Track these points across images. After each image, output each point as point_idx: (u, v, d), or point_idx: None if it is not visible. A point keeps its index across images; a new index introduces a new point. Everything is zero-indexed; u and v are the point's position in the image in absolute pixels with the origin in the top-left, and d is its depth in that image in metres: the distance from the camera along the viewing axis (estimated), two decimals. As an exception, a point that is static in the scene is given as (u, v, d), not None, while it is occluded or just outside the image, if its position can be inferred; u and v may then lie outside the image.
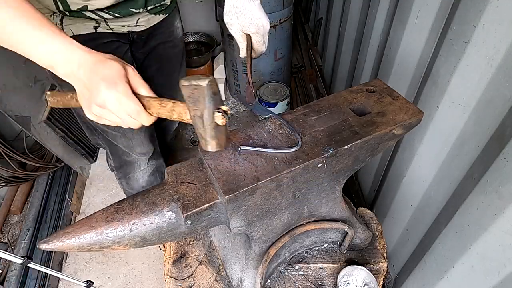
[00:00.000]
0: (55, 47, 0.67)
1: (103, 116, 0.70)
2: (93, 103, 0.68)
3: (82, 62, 0.67)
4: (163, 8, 1.24)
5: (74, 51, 0.67)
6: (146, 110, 0.70)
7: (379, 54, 1.72)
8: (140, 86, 0.71)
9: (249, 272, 1.02)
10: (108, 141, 1.42)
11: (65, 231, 0.75)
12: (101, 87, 0.66)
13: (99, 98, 0.66)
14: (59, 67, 0.68)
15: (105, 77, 0.66)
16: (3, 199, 2.32)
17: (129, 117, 0.69)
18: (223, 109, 0.65)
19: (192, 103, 0.64)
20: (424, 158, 1.34)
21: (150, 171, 1.60)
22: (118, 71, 0.68)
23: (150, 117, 0.71)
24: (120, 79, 0.67)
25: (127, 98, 0.67)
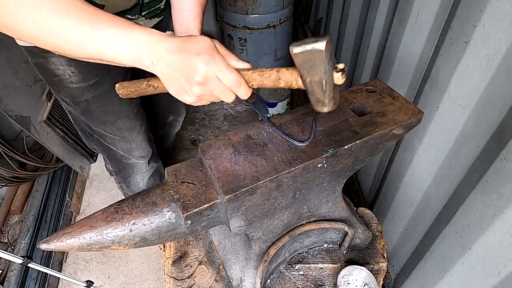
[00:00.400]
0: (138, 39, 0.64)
1: (204, 95, 0.67)
2: (192, 83, 0.65)
3: (168, 46, 0.64)
4: (158, 12, 1.24)
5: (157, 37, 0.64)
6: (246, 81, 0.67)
7: (379, 54, 1.72)
8: (230, 57, 0.68)
9: (249, 272, 1.02)
10: (106, 146, 1.40)
11: (65, 231, 0.75)
12: (198, 63, 0.62)
13: (198, 75, 0.63)
14: (144, 58, 0.65)
15: (200, 52, 0.63)
16: (3, 199, 2.32)
17: (229, 90, 0.66)
18: (340, 67, 0.61)
19: (308, 69, 0.60)
20: (424, 158, 1.34)
21: (150, 174, 1.59)
22: (210, 44, 0.65)
23: (250, 89, 0.68)
24: (215, 51, 0.64)
25: (229, 70, 0.64)
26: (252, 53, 2.50)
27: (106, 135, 1.35)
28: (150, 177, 1.60)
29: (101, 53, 0.66)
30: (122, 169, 1.54)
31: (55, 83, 1.15)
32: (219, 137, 0.86)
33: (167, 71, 0.66)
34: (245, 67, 0.68)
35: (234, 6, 2.28)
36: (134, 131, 1.38)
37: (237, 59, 0.68)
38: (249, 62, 1.00)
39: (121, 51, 0.65)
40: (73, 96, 1.19)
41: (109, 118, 1.28)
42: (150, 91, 0.76)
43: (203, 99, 0.69)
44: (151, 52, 0.64)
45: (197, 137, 2.76)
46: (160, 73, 0.67)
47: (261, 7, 2.26)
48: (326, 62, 0.58)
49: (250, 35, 2.40)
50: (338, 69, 0.60)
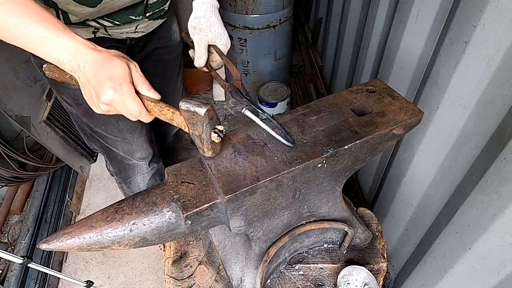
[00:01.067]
0: (62, 44, 0.69)
1: (110, 111, 0.74)
2: (100, 101, 0.71)
3: (88, 59, 0.69)
4: (162, 13, 1.24)
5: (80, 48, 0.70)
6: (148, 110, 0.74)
7: (379, 54, 1.72)
8: (141, 84, 0.74)
9: (249, 272, 1.02)
10: (107, 147, 1.40)
11: (65, 231, 0.75)
12: (107, 87, 0.69)
13: (105, 97, 0.69)
14: (66, 63, 0.70)
15: (111, 76, 0.69)
16: (3, 199, 2.32)
17: (131, 114, 0.74)
18: (218, 129, 0.71)
19: (191, 124, 0.70)
20: (424, 158, 1.34)
21: (151, 175, 1.59)
22: (123, 70, 0.71)
23: (150, 116, 0.75)
24: (125, 79, 0.70)
25: (131, 100, 0.71)
26: (252, 53, 2.50)
27: (107, 136, 1.35)
28: (151, 178, 1.60)
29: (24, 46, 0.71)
30: (122, 170, 1.53)
31: (57, 84, 1.16)
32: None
33: (83, 80, 0.72)
34: (151, 97, 0.74)
35: (234, 6, 2.28)
36: (135, 132, 1.38)
37: (148, 88, 0.74)
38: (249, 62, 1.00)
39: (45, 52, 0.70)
40: (75, 97, 1.19)
41: (111, 120, 1.28)
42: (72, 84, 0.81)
43: (109, 112, 0.75)
44: (72, 60, 0.70)
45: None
46: (78, 78, 0.73)
47: (261, 7, 2.26)
48: (204, 124, 0.68)
49: (250, 35, 2.40)
50: (217, 130, 0.71)
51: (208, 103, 0.67)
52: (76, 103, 1.22)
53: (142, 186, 1.59)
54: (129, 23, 1.14)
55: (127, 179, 1.57)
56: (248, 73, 2.65)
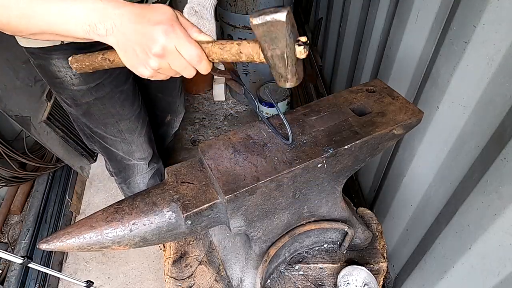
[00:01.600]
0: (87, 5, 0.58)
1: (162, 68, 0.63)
2: (150, 55, 0.59)
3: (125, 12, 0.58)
4: None
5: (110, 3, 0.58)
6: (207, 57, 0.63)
7: (379, 54, 1.72)
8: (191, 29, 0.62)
9: (249, 272, 1.02)
10: (106, 147, 1.40)
11: (65, 231, 0.75)
12: (157, 34, 0.57)
13: (156, 46, 0.58)
14: (99, 26, 0.59)
15: (159, 22, 0.57)
16: (3, 199, 2.32)
17: (189, 65, 0.62)
18: (302, 40, 0.57)
19: (269, 42, 0.56)
20: (424, 158, 1.34)
21: (151, 175, 1.59)
22: (171, 14, 0.59)
23: (210, 63, 0.64)
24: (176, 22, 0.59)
25: (190, 43, 0.59)
26: (252, 53, 2.50)
27: (107, 137, 1.34)
28: (150, 178, 1.60)
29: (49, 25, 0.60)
30: (122, 170, 1.53)
31: (57, 84, 1.15)
32: (219, 137, 0.86)
33: (123, 41, 0.60)
34: (206, 40, 0.63)
35: (234, 6, 2.28)
36: (135, 133, 1.38)
37: (199, 31, 0.63)
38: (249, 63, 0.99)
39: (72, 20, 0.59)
40: (74, 98, 1.19)
41: (110, 120, 1.28)
42: (106, 65, 0.71)
43: (160, 73, 0.64)
44: (106, 20, 0.58)
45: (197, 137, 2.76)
46: (115, 43, 0.61)
47: (261, 7, 2.26)
48: (287, 35, 0.54)
49: (250, 35, 2.39)
50: (301, 42, 0.56)
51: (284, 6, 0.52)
52: (75, 103, 1.22)
53: (142, 186, 1.59)
54: None
55: (127, 179, 1.57)
56: (248, 73, 2.64)
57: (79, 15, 0.58)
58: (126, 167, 1.52)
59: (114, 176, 1.61)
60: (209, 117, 2.90)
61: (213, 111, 2.95)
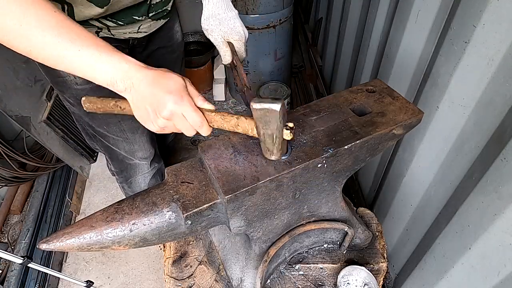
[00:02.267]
0: (115, 64, 0.68)
1: (167, 127, 0.72)
2: (159, 116, 0.69)
3: (143, 77, 0.68)
4: (165, 14, 1.24)
5: (134, 67, 0.68)
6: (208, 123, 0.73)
7: (379, 54, 1.72)
8: (196, 97, 0.72)
9: (249, 272, 1.02)
10: (108, 147, 1.40)
11: (65, 231, 0.75)
12: (168, 101, 0.67)
13: (166, 111, 0.68)
14: (119, 83, 0.68)
15: (171, 90, 0.67)
16: (3, 199, 2.32)
17: (192, 128, 0.72)
18: (289, 125, 0.70)
19: (263, 123, 0.68)
20: (424, 158, 1.34)
21: (152, 175, 1.59)
22: (181, 84, 0.70)
23: (210, 128, 0.74)
24: (185, 92, 0.69)
25: (193, 112, 0.69)
26: (252, 53, 2.50)
27: (109, 136, 1.35)
28: (152, 177, 1.60)
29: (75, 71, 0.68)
30: (124, 170, 1.54)
31: (60, 83, 1.16)
32: (219, 137, 0.86)
33: (138, 99, 0.70)
34: (209, 108, 0.73)
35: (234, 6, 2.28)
36: (137, 132, 1.38)
37: (204, 100, 0.73)
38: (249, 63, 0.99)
39: (97, 74, 0.68)
40: (77, 97, 1.19)
41: (113, 119, 1.28)
42: (116, 111, 0.80)
43: (165, 129, 0.74)
44: (126, 79, 0.68)
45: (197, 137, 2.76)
46: (130, 99, 0.71)
47: (261, 7, 2.26)
48: (278, 120, 0.66)
49: (250, 35, 2.39)
50: (288, 127, 0.69)
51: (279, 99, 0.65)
52: (78, 102, 1.22)
53: (143, 186, 1.59)
54: (132, 23, 1.14)
55: (128, 179, 1.57)
56: (248, 73, 2.65)
57: (105, 70, 0.67)
58: (127, 166, 1.52)
59: (116, 176, 1.61)
60: (209, 117, 2.90)
61: (213, 111, 2.94)
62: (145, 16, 1.15)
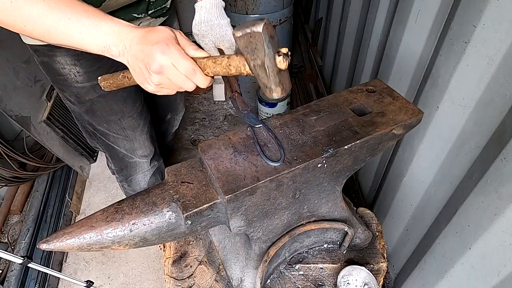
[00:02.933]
0: (106, 29, 0.68)
1: (163, 84, 0.70)
2: (151, 72, 0.67)
3: (133, 36, 0.68)
4: (164, 11, 1.24)
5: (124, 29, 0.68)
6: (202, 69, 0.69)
7: (379, 54, 1.72)
8: (188, 46, 0.70)
9: (249, 272, 1.02)
10: (109, 145, 1.41)
11: (65, 231, 0.75)
12: (155, 53, 0.65)
13: (155, 64, 0.66)
14: (113, 47, 0.68)
15: (157, 41, 0.66)
16: (3, 199, 2.32)
17: (186, 78, 0.69)
18: (282, 51, 0.61)
19: (251, 53, 0.61)
20: (424, 158, 1.34)
21: (152, 173, 1.60)
22: (168, 34, 0.67)
23: (207, 77, 0.70)
24: (171, 41, 0.67)
25: (182, 58, 0.66)
26: (252, 53, 2.50)
27: (110, 134, 1.35)
28: (151, 176, 1.60)
29: (70, 41, 0.69)
30: (124, 168, 1.54)
31: (60, 82, 1.16)
32: (219, 137, 0.86)
33: (132, 60, 0.69)
34: (203, 56, 0.69)
35: (234, 6, 2.28)
36: (137, 130, 1.38)
37: (196, 48, 0.70)
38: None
39: (90, 41, 0.68)
40: (77, 95, 1.20)
41: (113, 117, 1.29)
42: (126, 83, 0.79)
43: (163, 87, 0.71)
44: (118, 43, 0.68)
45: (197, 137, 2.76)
46: (126, 62, 0.70)
47: (261, 7, 2.26)
48: (265, 45, 0.58)
49: (250, 35, 2.39)
50: (281, 52, 0.60)
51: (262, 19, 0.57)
52: (78, 101, 1.22)
53: (143, 184, 1.59)
54: (132, 21, 1.14)
55: (128, 177, 1.57)
56: (248, 73, 2.65)
57: (97, 37, 0.68)
58: (128, 164, 1.52)
59: (116, 174, 1.61)
60: (209, 117, 2.90)
61: (213, 111, 2.95)
62: (144, 14, 1.15)
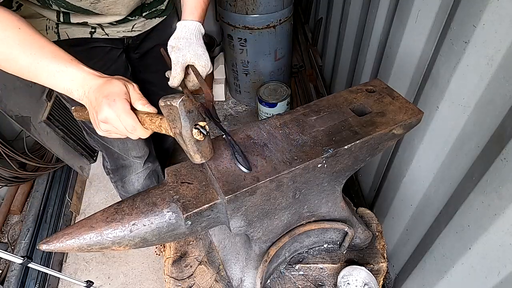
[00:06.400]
0: (70, 75, 0.75)
1: (110, 130, 0.76)
2: (98, 120, 0.74)
3: (92, 85, 0.74)
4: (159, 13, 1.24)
5: (87, 77, 0.75)
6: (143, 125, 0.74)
7: (379, 54, 1.72)
8: (137, 101, 0.75)
9: (249, 272, 1.02)
10: (104, 144, 1.42)
11: (65, 231, 0.75)
12: (103, 104, 0.72)
13: (101, 114, 0.72)
14: (74, 92, 0.76)
15: (107, 95, 0.72)
16: (3, 199, 2.32)
17: (126, 131, 0.75)
18: (200, 124, 0.67)
19: (171, 122, 0.67)
20: (424, 158, 1.34)
21: (146, 174, 1.60)
22: (119, 88, 0.73)
23: (146, 131, 0.76)
24: (120, 96, 0.73)
25: (125, 115, 0.72)
26: (252, 53, 2.50)
27: None
28: (146, 178, 1.60)
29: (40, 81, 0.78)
30: (119, 168, 1.55)
31: None
32: (219, 137, 0.86)
33: (88, 106, 0.77)
34: (147, 111, 0.75)
35: (234, 6, 2.28)
36: None
37: (144, 103, 0.75)
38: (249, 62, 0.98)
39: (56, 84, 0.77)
40: None
41: None
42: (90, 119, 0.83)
43: (110, 133, 0.78)
44: (79, 88, 0.76)
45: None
46: (86, 106, 0.78)
47: (261, 7, 2.26)
48: (181, 118, 0.64)
49: (250, 35, 2.39)
50: (198, 126, 0.67)
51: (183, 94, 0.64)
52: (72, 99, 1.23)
53: (137, 185, 1.60)
54: (126, 22, 1.15)
55: (123, 178, 1.58)
56: (248, 73, 2.65)
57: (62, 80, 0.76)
58: (122, 165, 1.53)
59: (110, 174, 1.62)
60: (209, 117, 2.89)
61: (213, 111, 2.94)
62: (138, 16, 1.15)
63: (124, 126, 0.73)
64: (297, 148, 0.82)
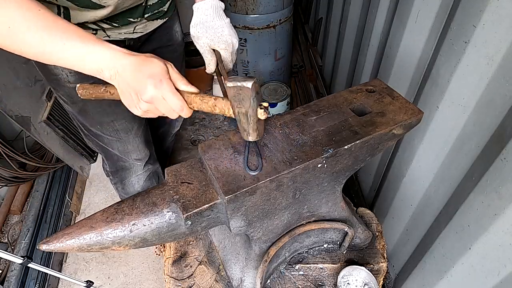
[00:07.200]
0: (99, 54, 0.72)
1: (150, 110, 0.75)
2: (141, 100, 0.72)
3: (126, 64, 0.72)
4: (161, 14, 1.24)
5: (117, 54, 0.72)
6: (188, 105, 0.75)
7: (379, 54, 1.72)
8: (179, 81, 0.75)
9: (249, 272, 1.02)
10: (103, 146, 1.41)
11: (65, 231, 0.75)
12: (148, 85, 0.70)
13: (146, 95, 0.71)
14: (105, 71, 0.73)
15: (151, 75, 0.70)
16: (3, 199, 2.32)
17: (172, 111, 0.74)
18: (264, 105, 0.71)
19: (237, 102, 0.70)
20: (424, 158, 1.34)
21: (146, 176, 1.59)
22: (162, 69, 0.72)
23: (191, 111, 0.76)
24: (165, 76, 0.72)
25: (173, 95, 0.72)
26: (252, 53, 2.50)
27: (103, 136, 1.35)
28: (146, 179, 1.60)
29: (65, 65, 0.74)
30: (119, 170, 1.54)
31: (54, 81, 1.16)
32: (219, 137, 0.86)
33: (122, 85, 0.74)
34: (191, 91, 0.75)
35: (234, 6, 2.28)
36: (131, 133, 1.38)
37: (186, 83, 0.75)
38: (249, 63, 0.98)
39: (84, 65, 0.73)
40: (70, 95, 1.20)
41: (106, 119, 1.28)
42: (107, 96, 0.83)
43: (149, 113, 0.77)
44: (111, 68, 0.72)
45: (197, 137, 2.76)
46: (116, 85, 0.75)
47: (261, 7, 2.26)
48: (251, 98, 0.68)
49: (250, 35, 2.39)
50: (262, 106, 0.71)
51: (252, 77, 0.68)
52: (71, 101, 1.22)
53: (137, 187, 1.59)
54: (128, 24, 1.14)
55: (123, 180, 1.57)
56: (248, 73, 2.64)
57: (90, 61, 0.72)
58: (122, 167, 1.52)
59: (110, 176, 1.61)
60: (209, 117, 2.90)
61: (213, 111, 2.94)
62: (140, 17, 1.15)
63: (170, 106, 0.73)
64: (297, 148, 0.82)
